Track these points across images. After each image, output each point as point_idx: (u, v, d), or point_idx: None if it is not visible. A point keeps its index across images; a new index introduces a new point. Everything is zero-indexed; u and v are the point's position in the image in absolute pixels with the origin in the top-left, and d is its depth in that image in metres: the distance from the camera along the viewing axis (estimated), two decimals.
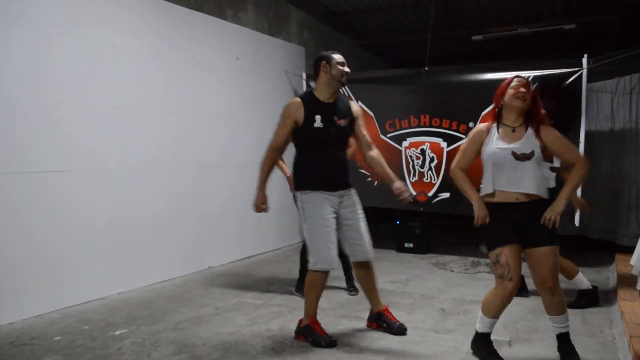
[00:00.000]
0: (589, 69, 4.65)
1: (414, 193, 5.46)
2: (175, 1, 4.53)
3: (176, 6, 4.53)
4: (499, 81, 4.96)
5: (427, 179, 5.41)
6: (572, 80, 4.71)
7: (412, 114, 5.49)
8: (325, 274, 2.97)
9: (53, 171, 3.57)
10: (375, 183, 5.66)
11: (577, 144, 4.68)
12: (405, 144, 5.53)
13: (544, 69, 4.87)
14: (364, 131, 3.11)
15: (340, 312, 3.58)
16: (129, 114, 4.11)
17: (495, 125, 2.67)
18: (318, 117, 2.93)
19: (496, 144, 2.60)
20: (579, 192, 4.70)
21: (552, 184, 3.37)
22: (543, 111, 2.65)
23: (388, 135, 5.61)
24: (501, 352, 2.84)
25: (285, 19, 6.20)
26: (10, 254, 3.32)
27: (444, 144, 5.31)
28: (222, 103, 5.08)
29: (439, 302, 3.82)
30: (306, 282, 3.04)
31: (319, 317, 3.08)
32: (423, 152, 5.42)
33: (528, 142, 2.57)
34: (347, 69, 3.04)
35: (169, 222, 4.50)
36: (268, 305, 3.74)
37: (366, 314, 3.52)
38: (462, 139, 5.20)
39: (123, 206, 4.06)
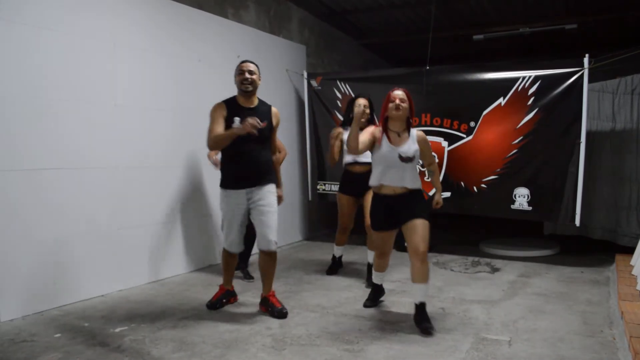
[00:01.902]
0: (590, 69, 4.65)
1: None
2: None
3: (177, 4, 4.53)
4: (500, 80, 5.06)
5: (427, 178, 5.41)
6: (574, 80, 4.71)
7: None
8: (232, 254, 3.57)
9: (53, 168, 3.57)
10: None
11: (578, 144, 4.68)
12: None
13: (545, 69, 4.86)
14: (275, 136, 3.56)
15: (341, 310, 3.58)
16: (129, 111, 4.11)
17: (384, 130, 3.24)
18: (237, 119, 3.27)
19: (386, 147, 3.19)
20: (579, 189, 4.72)
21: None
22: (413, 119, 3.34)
23: None
24: (501, 352, 2.85)
25: (286, 17, 6.19)
26: (10, 251, 3.32)
27: (445, 143, 5.31)
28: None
29: (439, 301, 3.82)
30: (222, 259, 3.66)
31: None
32: None
33: (411, 146, 3.19)
34: (245, 76, 3.33)
35: (170, 220, 4.50)
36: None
37: (367, 313, 3.53)
38: (463, 138, 5.21)
39: (124, 204, 4.06)
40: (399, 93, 3.19)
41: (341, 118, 5.86)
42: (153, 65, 4.32)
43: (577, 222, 4.75)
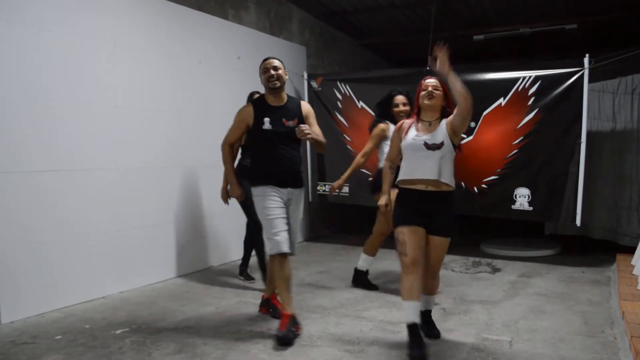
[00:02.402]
0: (590, 69, 4.65)
1: None
2: (177, 0, 4.53)
3: (177, 5, 4.53)
4: (500, 81, 5.06)
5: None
6: (574, 80, 4.71)
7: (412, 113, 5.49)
8: (281, 257, 3.09)
9: (53, 170, 3.57)
10: None
11: (579, 144, 4.68)
12: None
13: (545, 69, 4.86)
14: (315, 128, 3.29)
15: (342, 311, 3.58)
16: (129, 113, 4.11)
17: (416, 120, 2.98)
18: (267, 120, 3.17)
19: (412, 135, 2.91)
20: (580, 189, 4.71)
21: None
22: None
23: None
24: (502, 352, 2.85)
25: (286, 18, 6.19)
26: (11, 253, 3.32)
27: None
28: (224, 102, 5.07)
29: (439, 301, 3.82)
30: (269, 270, 3.38)
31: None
32: None
33: (440, 133, 2.85)
34: (270, 73, 3.19)
35: (171, 221, 4.50)
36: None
37: (368, 313, 3.53)
38: (463, 138, 5.20)
39: (124, 205, 4.06)
40: (431, 81, 2.95)
41: (342, 119, 5.88)
42: (153, 67, 4.32)
43: (578, 222, 4.75)
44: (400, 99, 4.04)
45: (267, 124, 3.16)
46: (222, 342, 3.00)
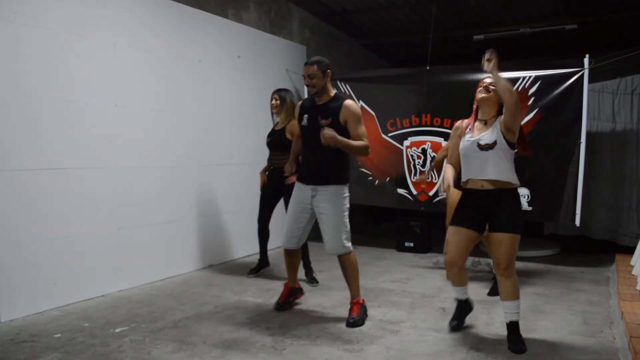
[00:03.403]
0: (590, 69, 4.65)
1: (415, 192, 5.46)
2: None
3: (177, 4, 4.53)
4: None
5: (428, 179, 5.41)
6: (574, 81, 4.71)
7: (413, 113, 5.49)
8: (285, 250, 3.51)
9: (54, 168, 3.57)
10: (376, 182, 5.67)
11: (579, 144, 4.67)
12: (406, 143, 5.53)
13: (545, 69, 4.86)
14: (356, 131, 3.25)
15: (341, 310, 3.58)
16: (130, 111, 4.11)
17: (472, 120, 3.00)
18: (305, 116, 3.33)
19: (467, 137, 2.93)
20: (579, 189, 4.71)
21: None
22: None
23: (389, 135, 5.61)
24: (501, 352, 2.85)
25: (286, 17, 6.19)
26: (10, 251, 3.32)
27: (445, 144, 5.31)
28: (224, 101, 5.08)
29: (439, 301, 3.82)
30: None
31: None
32: (424, 151, 5.42)
33: (493, 133, 2.85)
34: (306, 82, 3.29)
35: (170, 220, 4.50)
36: (268, 303, 3.74)
37: (368, 313, 3.52)
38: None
39: (124, 204, 4.06)
40: (489, 79, 2.99)
41: None
42: (153, 65, 4.32)
43: (578, 222, 4.74)
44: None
45: (304, 120, 3.33)
46: (222, 340, 3.00)
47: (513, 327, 2.89)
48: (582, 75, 4.67)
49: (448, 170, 3.03)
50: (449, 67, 5.78)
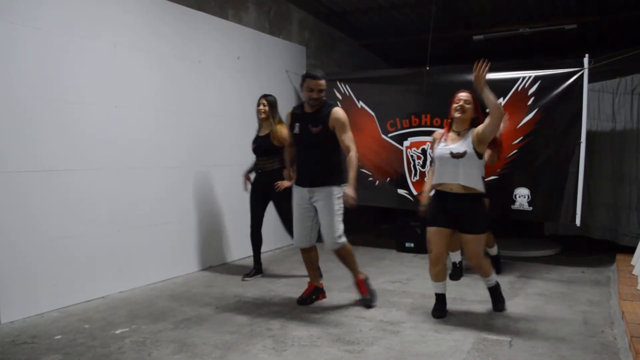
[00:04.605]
0: (590, 69, 4.65)
1: (415, 193, 5.46)
2: (177, 0, 4.53)
3: (177, 5, 4.53)
4: (500, 81, 5.05)
5: (428, 179, 5.41)
6: (573, 80, 4.71)
7: (413, 113, 5.49)
8: (301, 249, 3.75)
9: (53, 170, 3.57)
10: (377, 182, 5.66)
11: (579, 144, 4.67)
12: (406, 143, 5.53)
13: (545, 69, 4.86)
14: (342, 136, 3.49)
15: (341, 311, 3.58)
16: (129, 112, 4.11)
17: (447, 131, 3.39)
18: (297, 125, 3.55)
19: (441, 145, 3.32)
20: (580, 189, 4.71)
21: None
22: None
23: (389, 135, 5.61)
24: (502, 352, 2.85)
25: (286, 18, 6.20)
26: (10, 253, 3.31)
27: None
28: (223, 102, 5.08)
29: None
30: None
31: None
32: (424, 152, 5.42)
33: (464, 143, 3.23)
34: (313, 95, 3.46)
35: (171, 221, 4.50)
36: (268, 304, 3.74)
37: (367, 313, 3.52)
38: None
39: (124, 205, 4.06)
40: (464, 95, 3.31)
41: None
42: (153, 66, 4.32)
43: (578, 222, 4.74)
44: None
45: (296, 128, 3.55)
46: (222, 342, 3.00)
47: (493, 290, 3.54)
48: (582, 75, 4.67)
49: (429, 180, 3.50)
50: (448, 67, 5.78)
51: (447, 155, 3.24)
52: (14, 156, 3.34)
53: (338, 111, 3.50)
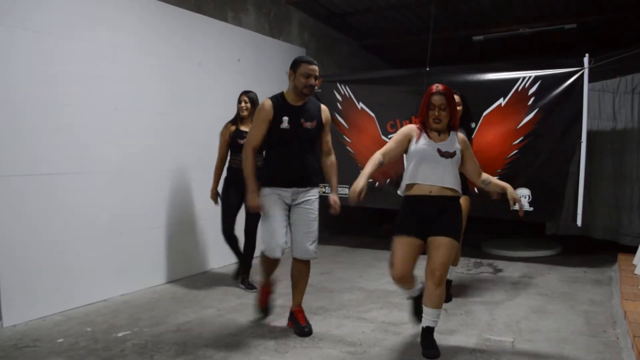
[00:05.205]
0: (590, 69, 4.65)
1: None
2: (176, 3, 4.53)
3: (177, 8, 4.54)
4: (500, 81, 5.05)
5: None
6: (574, 80, 4.71)
7: (413, 114, 5.48)
8: (272, 259, 3.19)
9: (55, 173, 3.57)
10: (377, 184, 5.66)
11: (579, 143, 4.67)
12: None
13: (545, 69, 4.86)
14: (328, 137, 3.29)
15: (343, 313, 3.58)
16: (130, 115, 4.11)
17: (423, 128, 2.88)
18: (285, 119, 3.09)
19: (424, 141, 2.83)
20: (580, 189, 4.71)
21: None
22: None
23: (389, 136, 5.59)
24: (504, 352, 2.84)
25: (286, 20, 6.20)
26: (12, 256, 3.32)
27: None
28: (223, 104, 5.07)
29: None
30: (260, 264, 3.33)
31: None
32: None
33: (451, 143, 2.83)
34: (311, 82, 3.12)
35: (172, 224, 4.50)
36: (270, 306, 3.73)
37: (369, 315, 3.52)
38: None
39: (125, 208, 4.06)
40: (438, 99, 2.78)
41: (341, 120, 5.87)
42: (153, 69, 4.32)
43: (579, 222, 4.74)
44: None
45: (285, 123, 3.09)
46: (224, 344, 3.00)
47: (430, 332, 2.84)
48: (582, 74, 4.67)
49: (368, 168, 2.82)
50: (448, 67, 5.79)
51: (434, 153, 2.78)
52: (14, 160, 3.34)
53: (327, 109, 3.29)
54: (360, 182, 2.69)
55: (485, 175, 3.01)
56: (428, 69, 5.39)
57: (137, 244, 4.17)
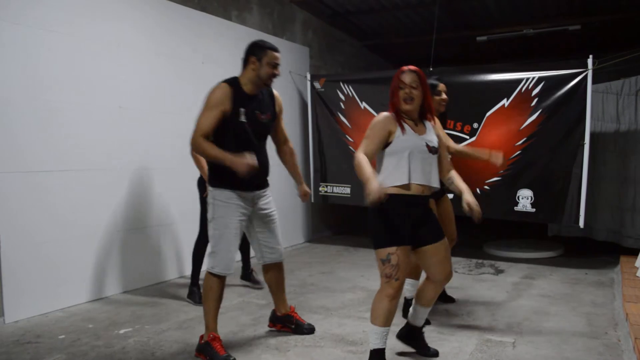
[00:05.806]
0: (594, 70, 4.64)
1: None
2: (180, 1, 4.54)
3: (181, 6, 4.55)
4: (503, 82, 5.05)
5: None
6: (577, 82, 4.70)
7: None
8: (222, 279, 2.80)
9: (57, 170, 3.58)
10: None
11: (582, 145, 4.66)
12: None
13: (548, 70, 4.85)
14: (282, 124, 3.01)
15: (344, 312, 3.58)
16: (133, 113, 4.12)
17: (400, 118, 2.53)
18: (242, 110, 2.73)
19: (411, 134, 2.49)
20: (583, 191, 4.69)
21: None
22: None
23: None
24: (505, 353, 2.84)
25: (289, 19, 6.20)
26: (15, 253, 3.33)
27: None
28: None
29: (442, 302, 3.81)
30: (204, 287, 2.82)
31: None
32: None
33: (432, 135, 2.56)
34: (277, 72, 2.79)
35: (175, 222, 4.51)
36: (271, 305, 3.72)
37: (369, 314, 3.51)
38: (466, 139, 5.20)
39: (127, 206, 4.07)
40: (409, 76, 2.47)
41: (344, 120, 5.87)
42: (157, 68, 4.33)
43: (581, 223, 4.73)
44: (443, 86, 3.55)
45: (242, 115, 2.72)
46: (225, 342, 2.99)
47: (421, 330, 2.80)
48: (586, 76, 4.65)
49: (369, 168, 2.39)
50: (451, 68, 5.79)
51: (424, 149, 2.47)
52: (17, 157, 3.36)
53: (278, 95, 2.93)
54: (375, 182, 2.27)
55: (452, 172, 2.70)
56: (431, 69, 5.38)
57: (139, 241, 4.18)
